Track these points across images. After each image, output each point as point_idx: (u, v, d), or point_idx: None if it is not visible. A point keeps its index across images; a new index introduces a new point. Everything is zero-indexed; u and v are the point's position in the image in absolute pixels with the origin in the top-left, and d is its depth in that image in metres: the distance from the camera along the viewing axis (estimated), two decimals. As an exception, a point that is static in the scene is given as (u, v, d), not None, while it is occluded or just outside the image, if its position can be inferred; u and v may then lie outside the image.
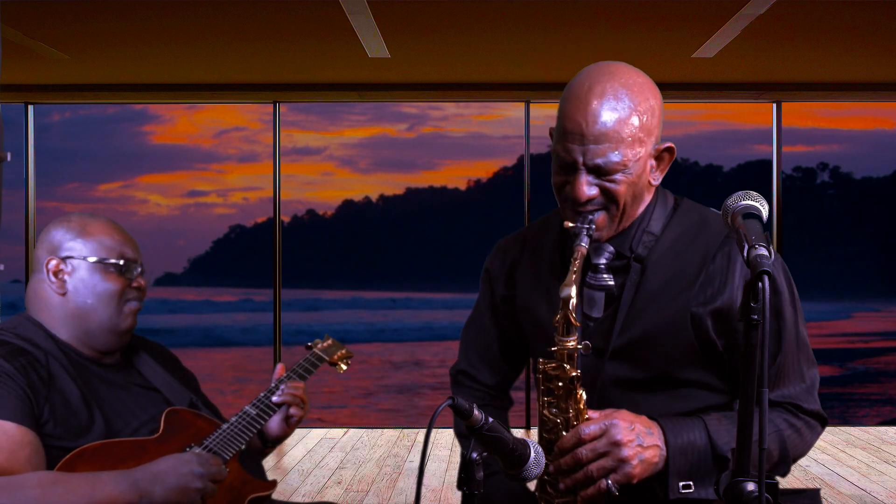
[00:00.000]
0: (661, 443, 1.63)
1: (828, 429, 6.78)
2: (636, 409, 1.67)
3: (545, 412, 1.69)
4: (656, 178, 1.75)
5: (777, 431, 1.69)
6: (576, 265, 1.63)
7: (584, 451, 1.62)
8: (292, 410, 2.15)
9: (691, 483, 1.63)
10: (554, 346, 1.65)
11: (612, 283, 1.74)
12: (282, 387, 2.16)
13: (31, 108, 7.30)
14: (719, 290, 1.69)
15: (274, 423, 2.17)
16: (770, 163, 7.26)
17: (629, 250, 1.74)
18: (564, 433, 1.66)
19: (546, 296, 1.80)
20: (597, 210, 1.69)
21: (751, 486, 1.32)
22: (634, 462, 1.61)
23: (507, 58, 6.14)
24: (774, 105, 7.17)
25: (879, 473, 5.48)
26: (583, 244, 1.65)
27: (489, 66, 6.45)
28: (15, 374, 1.84)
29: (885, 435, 6.71)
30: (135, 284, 2.04)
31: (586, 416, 1.66)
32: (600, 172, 1.66)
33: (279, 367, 2.24)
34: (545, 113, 7.48)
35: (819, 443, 6.28)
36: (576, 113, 1.65)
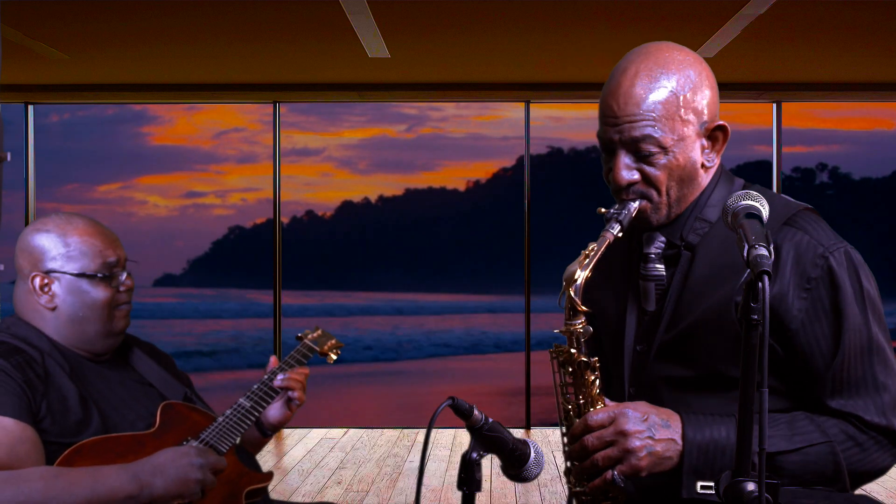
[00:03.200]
0: (677, 437, 1.54)
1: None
2: (687, 411, 1.58)
3: (560, 399, 1.65)
4: (710, 160, 1.65)
5: (826, 443, 1.55)
6: (591, 248, 1.58)
7: (590, 439, 1.56)
8: (295, 394, 2.16)
9: (713, 484, 1.50)
10: (561, 329, 1.62)
11: (662, 273, 1.67)
12: (283, 374, 2.17)
13: (30, 108, 7.30)
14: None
15: (274, 409, 2.18)
16: (769, 163, 7.26)
17: (679, 239, 1.66)
18: (577, 420, 1.61)
19: (615, 297, 1.73)
20: (638, 198, 1.62)
21: (751, 486, 1.32)
22: (642, 454, 1.53)
23: (507, 58, 6.14)
24: (774, 105, 7.17)
25: (879, 474, 5.47)
26: (611, 231, 1.59)
27: (489, 66, 6.45)
28: (12, 371, 1.86)
29: (884, 435, 6.72)
30: (122, 288, 2.05)
31: (601, 403, 1.61)
32: (639, 152, 1.60)
33: (272, 359, 2.25)
34: (545, 113, 7.49)
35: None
36: (609, 97, 1.62)
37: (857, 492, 1.68)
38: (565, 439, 1.63)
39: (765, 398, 1.26)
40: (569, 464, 1.63)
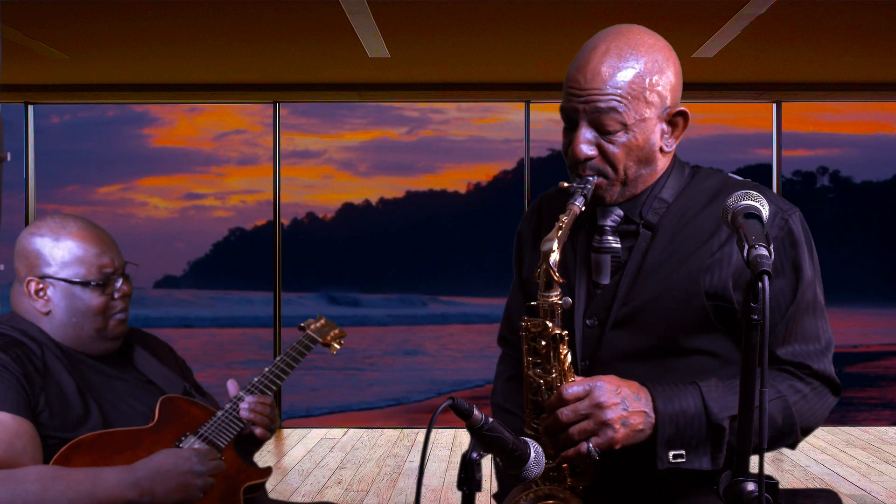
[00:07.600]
0: (648, 409, 1.56)
1: (828, 429, 6.80)
2: (648, 382, 1.60)
3: (530, 373, 1.64)
4: (669, 145, 1.69)
5: (780, 398, 1.61)
6: (563, 221, 1.59)
7: (565, 412, 1.56)
8: (258, 432, 2.11)
9: (683, 453, 1.55)
10: (535, 302, 1.61)
11: (617, 245, 1.69)
12: (248, 399, 2.11)
13: (31, 108, 7.29)
14: (734, 249, 1.61)
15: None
16: (770, 167, 7.26)
17: (639, 216, 1.68)
18: (549, 394, 1.60)
19: (563, 272, 1.71)
20: (594, 174, 1.64)
21: (751, 486, 1.32)
22: (617, 426, 1.54)
23: (507, 58, 6.14)
24: (774, 105, 7.17)
25: (879, 473, 5.47)
26: (576, 203, 1.60)
27: (489, 66, 6.45)
28: (11, 365, 1.86)
29: (885, 435, 6.71)
30: (117, 295, 2.03)
31: (571, 377, 1.61)
32: (600, 127, 1.62)
33: (231, 384, 2.16)
34: (545, 115, 7.48)
35: (819, 443, 6.27)
36: (577, 71, 1.65)
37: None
38: (537, 418, 1.62)
39: (765, 398, 1.27)
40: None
